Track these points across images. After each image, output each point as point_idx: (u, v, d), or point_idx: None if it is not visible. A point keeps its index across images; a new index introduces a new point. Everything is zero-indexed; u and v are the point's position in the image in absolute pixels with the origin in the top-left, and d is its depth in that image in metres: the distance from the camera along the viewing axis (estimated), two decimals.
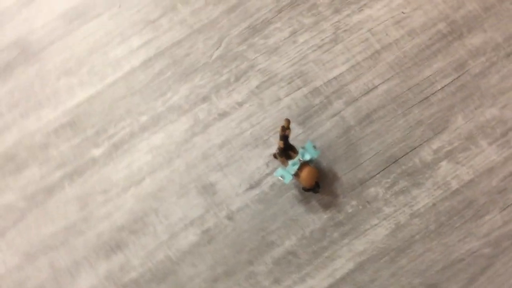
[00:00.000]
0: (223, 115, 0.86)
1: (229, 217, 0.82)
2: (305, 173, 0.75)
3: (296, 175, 0.73)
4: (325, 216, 0.81)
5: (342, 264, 0.79)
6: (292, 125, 0.80)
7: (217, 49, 0.88)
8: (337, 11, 0.89)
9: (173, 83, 0.87)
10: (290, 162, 0.73)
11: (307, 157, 0.75)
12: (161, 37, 0.88)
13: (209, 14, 0.89)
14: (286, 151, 0.74)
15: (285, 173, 0.75)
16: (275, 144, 0.82)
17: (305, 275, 0.79)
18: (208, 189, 0.82)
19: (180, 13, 0.89)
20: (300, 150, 0.74)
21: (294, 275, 0.79)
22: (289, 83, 0.87)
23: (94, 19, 0.85)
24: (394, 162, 0.84)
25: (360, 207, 0.83)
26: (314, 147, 0.77)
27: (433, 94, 0.85)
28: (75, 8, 0.85)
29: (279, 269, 0.78)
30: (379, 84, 0.85)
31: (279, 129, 0.80)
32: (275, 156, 0.79)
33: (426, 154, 0.83)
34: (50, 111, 0.81)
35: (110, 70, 0.83)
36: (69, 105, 0.81)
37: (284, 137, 0.71)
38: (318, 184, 0.77)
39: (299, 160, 0.74)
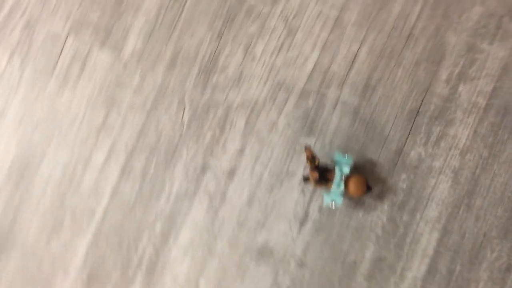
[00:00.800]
0: (231, 172, 0.99)
1: (300, 264, 0.97)
2: (353, 185, 0.90)
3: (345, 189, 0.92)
4: (385, 206, 0.98)
5: (428, 239, 0.96)
6: (303, 139, 0.98)
7: (184, 112, 1.02)
8: (275, 0, 1.03)
9: (164, 174, 1.00)
10: (334, 183, 0.89)
11: (347, 169, 0.90)
12: (121, 135, 1.01)
13: (153, 83, 1.02)
14: (323, 176, 0.90)
15: (334, 196, 0.90)
16: (297, 168, 0.98)
17: (402, 271, 0.96)
18: (263, 253, 0.98)
19: (123, 100, 1.02)
20: (336, 167, 0.90)
21: (393, 278, 0.97)
22: (273, 101, 1.01)
23: (41, 161, 0.94)
24: (416, 115, 1.01)
25: (412, 176, 0.99)
26: (345, 154, 0.94)
27: (413, 27, 1.01)
28: (15, 164, 0.94)
29: (376, 282, 0.96)
30: (358, 49, 1.01)
31: (305, 162, 0.98)
32: (305, 179, 0.96)
33: (441, 88, 0.99)
34: (63, 281, 0.89)
35: (93, 203, 0.89)
36: (77, 263, 0.90)
37: (316, 167, 0.88)
38: (370, 186, 0.94)
39: (341, 177, 0.90)
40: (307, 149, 0.88)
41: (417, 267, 0.96)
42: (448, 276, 0.96)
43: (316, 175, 0.87)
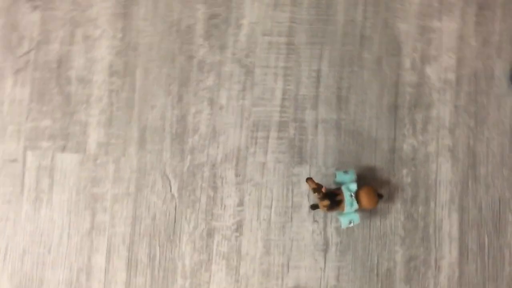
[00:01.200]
0: (239, 227, 1.01)
1: None
2: (365, 199, 0.94)
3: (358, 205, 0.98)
4: (398, 205, 1.03)
5: (450, 223, 1.01)
6: (297, 169, 1.02)
7: (170, 185, 1.03)
8: (222, 47, 1.07)
9: (172, 253, 1.00)
10: (346, 204, 0.93)
11: (353, 186, 0.95)
12: (114, 231, 1.01)
13: (129, 168, 1.03)
14: (333, 200, 0.93)
15: (350, 216, 0.95)
16: (302, 199, 1.02)
17: (436, 262, 1.01)
18: None
19: (105, 195, 1.02)
20: (342, 188, 0.94)
21: (430, 272, 1.01)
22: (255, 143, 1.05)
23: None
24: (396, 109, 1.08)
25: (413, 168, 1.05)
26: (345, 171, 0.98)
27: (362, 28, 1.08)
28: None
29: (416, 281, 1.00)
30: (318, 66, 1.07)
31: (313, 194, 1.04)
32: (313, 207, 1.00)
33: (409, 76, 1.06)
34: None
35: None
36: None
37: (325, 195, 0.92)
38: (381, 195, 0.99)
39: (351, 196, 0.94)
40: (309, 181, 0.90)
41: (449, 253, 1.01)
42: (481, 251, 1.01)
43: (327, 203, 0.89)
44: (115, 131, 1.06)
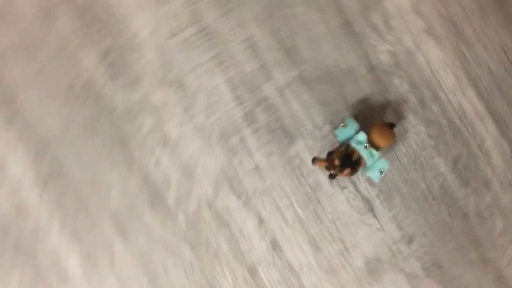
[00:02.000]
0: (274, 244, 0.95)
1: (408, 241, 0.94)
2: (380, 139, 0.84)
3: (377, 150, 0.87)
4: (411, 118, 0.95)
5: (470, 102, 0.94)
6: (292, 150, 0.93)
7: (181, 253, 0.92)
8: (136, 80, 0.94)
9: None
10: (366, 157, 0.85)
11: (362, 137, 0.85)
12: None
13: (130, 260, 0.92)
14: (352, 163, 0.85)
15: (377, 165, 0.86)
16: (317, 177, 0.95)
17: (480, 148, 0.94)
18: (373, 267, 0.94)
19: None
20: (351, 143, 0.86)
21: (480, 161, 0.95)
22: (234, 154, 0.95)
23: None
24: (349, 25, 0.94)
25: (401, 73, 0.94)
26: (343, 125, 0.89)
27: None
28: None
29: (472, 178, 0.95)
30: (247, 31, 0.95)
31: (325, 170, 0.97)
32: (331, 176, 0.91)
33: None
34: None
35: None
36: None
37: (341, 165, 0.83)
38: (392, 124, 0.91)
39: (366, 147, 0.85)
40: (316, 161, 0.80)
41: (487, 132, 0.95)
42: None
43: (348, 171, 0.80)
44: (88, 243, 0.92)
